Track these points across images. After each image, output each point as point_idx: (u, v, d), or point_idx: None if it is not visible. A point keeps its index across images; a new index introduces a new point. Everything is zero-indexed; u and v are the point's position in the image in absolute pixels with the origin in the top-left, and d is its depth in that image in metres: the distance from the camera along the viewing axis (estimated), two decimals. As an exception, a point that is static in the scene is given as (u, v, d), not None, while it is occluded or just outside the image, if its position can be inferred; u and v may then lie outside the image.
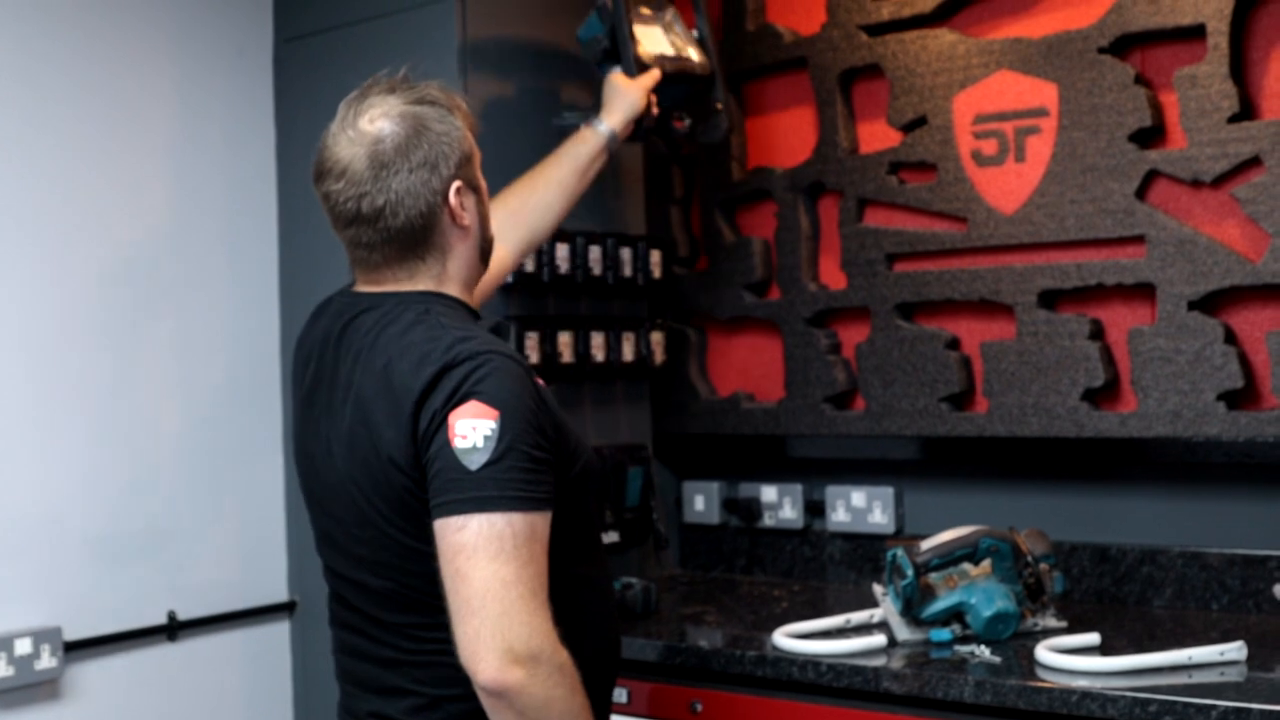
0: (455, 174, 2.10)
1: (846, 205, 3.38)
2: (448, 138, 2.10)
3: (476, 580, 1.87)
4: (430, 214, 2.08)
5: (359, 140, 2.07)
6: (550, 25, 3.45)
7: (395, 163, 2.05)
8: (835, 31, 3.39)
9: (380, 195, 2.05)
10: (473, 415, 1.92)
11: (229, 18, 3.48)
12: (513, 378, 1.97)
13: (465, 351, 1.97)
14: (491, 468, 1.90)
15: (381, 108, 2.09)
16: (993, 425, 3.15)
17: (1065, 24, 3.09)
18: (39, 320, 3.03)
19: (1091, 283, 3.03)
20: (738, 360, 3.64)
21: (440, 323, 2.04)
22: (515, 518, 1.90)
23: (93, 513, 3.10)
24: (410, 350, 2.01)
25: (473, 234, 2.16)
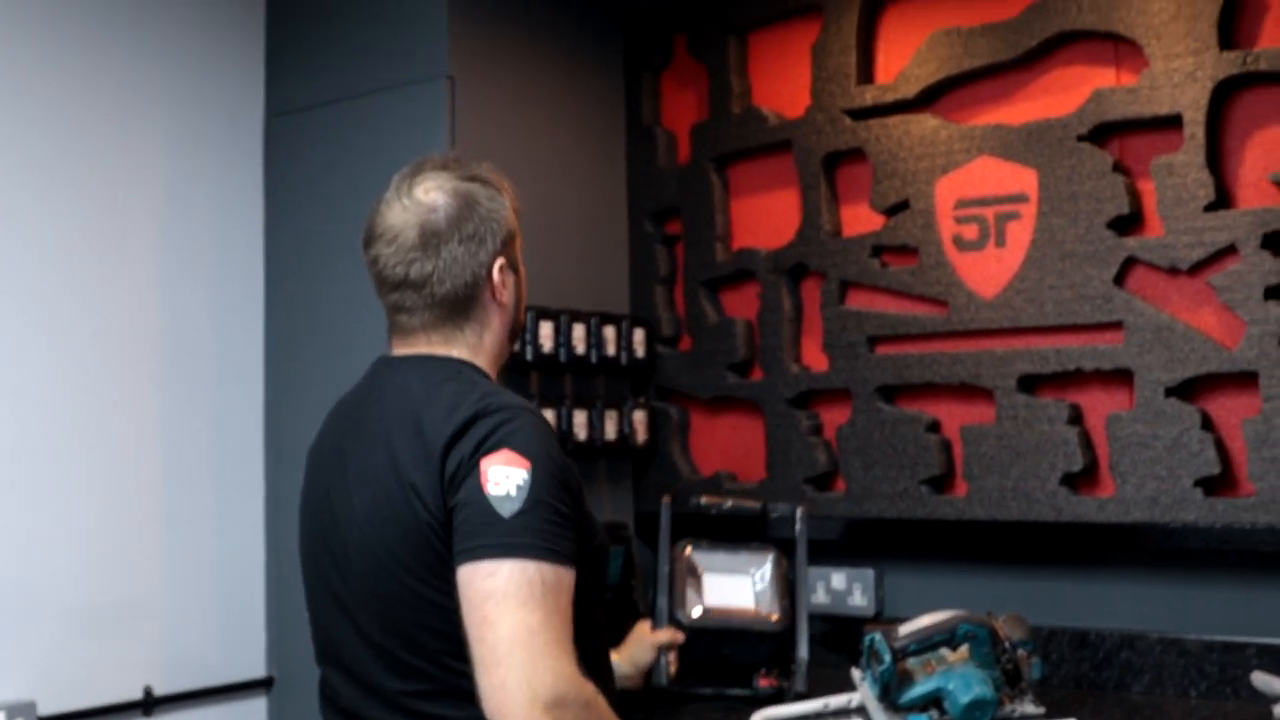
0: (500, 251, 2.14)
1: (829, 287, 3.40)
2: (495, 216, 2.15)
3: (504, 627, 1.86)
4: (474, 286, 2.12)
5: (412, 209, 2.12)
6: (538, 108, 3.49)
7: (446, 233, 2.10)
8: (819, 115, 3.43)
9: (429, 263, 2.10)
10: (505, 463, 1.93)
11: (221, 89, 3.51)
12: (542, 432, 1.99)
13: (496, 404, 1.99)
14: (523, 516, 1.90)
15: (435, 181, 2.14)
16: (972, 509, 3.16)
17: (1045, 112, 3.14)
18: (20, 389, 3.03)
19: (1070, 368, 3.04)
20: (720, 440, 3.64)
21: (472, 379, 2.08)
22: (545, 567, 1.89)
23: (69, 584, 3.09)
24: (441, 400, 2.03)
25: (508, 312, 2.20)
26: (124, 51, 3.30)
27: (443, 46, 3.27)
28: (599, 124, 3.70)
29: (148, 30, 3.35)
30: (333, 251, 3.43)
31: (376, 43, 3.40)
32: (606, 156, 3.72)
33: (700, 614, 2.95)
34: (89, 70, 3.22)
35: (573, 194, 3.58)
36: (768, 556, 2.95)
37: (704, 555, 2.96)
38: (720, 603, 2.96)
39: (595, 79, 3.70)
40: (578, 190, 3.60)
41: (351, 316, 3.36)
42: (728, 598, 2.97)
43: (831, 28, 3.42)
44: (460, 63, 3.28)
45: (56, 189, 3.14)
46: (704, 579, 2.97)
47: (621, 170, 3.76)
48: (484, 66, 3.35)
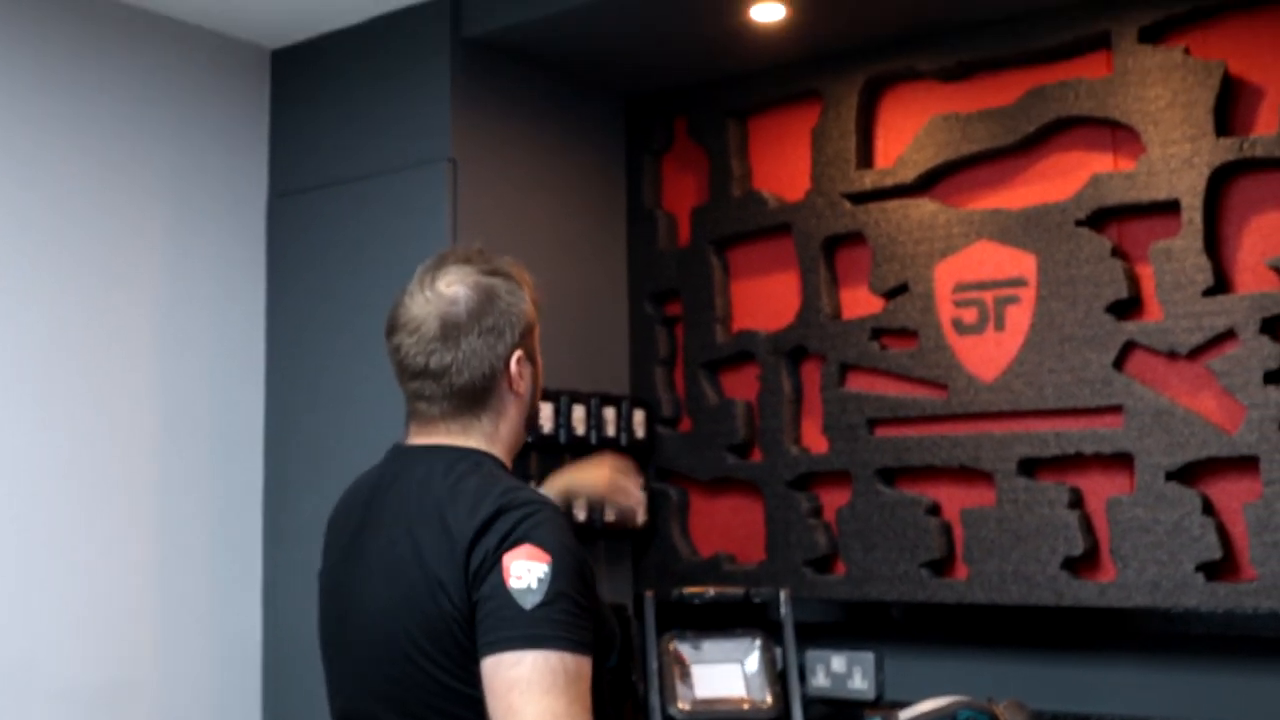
0: (518, 343, 2.20)
1: (829, 369, 3.41)
2: (514, 309, 2.21)
3: (530, 715, 1.90)
4: (491, 377, 2.17)
5: (435, 301, 2.18)
6: (540, 191, 3.51)
7: (466, 326, 2.16)
8: (819, 199, 3.45)
9: (448, 354, 2.16)
10: (527, 557, 1.98)
11: (225, 169, 3.55)
12: (561, 528, 2.03)
13: (518, 499, 2.04)
14: (545, 608, 1.95)
15: (457, 274, 2.21)
16: (973, 592, 3.15)
17: (1043, 196, 3.16)
18: (19, 468, 3.03)
19: (1070, 451, 3.05)
20: (719, 521, 3.64)
21: (493, 473, 2.13)
22: (567, 657, 1.94)
23: (65, 665, 3.08)
24: (465, 496, 2.08)
25: (525, 402, 2.25)
26: (131, 131, 3.33)
27: (445, 130, 3.30)
28: (600, 206, 3.73)
29: (154, 111, 3.39)
30: (333, 331, 3.44)
31: (379, 125, 3.43)
32: (607, 238, 3.74)
33: (692, 705, 2.93)
34: (96, 149, 3.26)
35: (574, 275, 3.59)
36: (755, 642, 2.94)
37: (690, 646, 2.96)
38: (710, 693, 2.95)
39: (597, 162, 3.73)
40: (579, 271, 3.62)
41: (351, 397, 3.37)
42: (718, 688, 2.96)
43: (831, 112, 3.46)
44: (462, 146, 3.31)
45: (62, 266, 3.16)
46: (692, 670, 2.96)
47: (622, 252, 3.78)
48: (486, 149, 3.38)
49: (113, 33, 3.30)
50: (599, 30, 3.33)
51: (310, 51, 3.60)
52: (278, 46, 3.66)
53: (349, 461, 3.33)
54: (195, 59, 3.49)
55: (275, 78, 3.67)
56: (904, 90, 3.42)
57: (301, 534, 3.45)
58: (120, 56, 3.32)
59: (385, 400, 3.26)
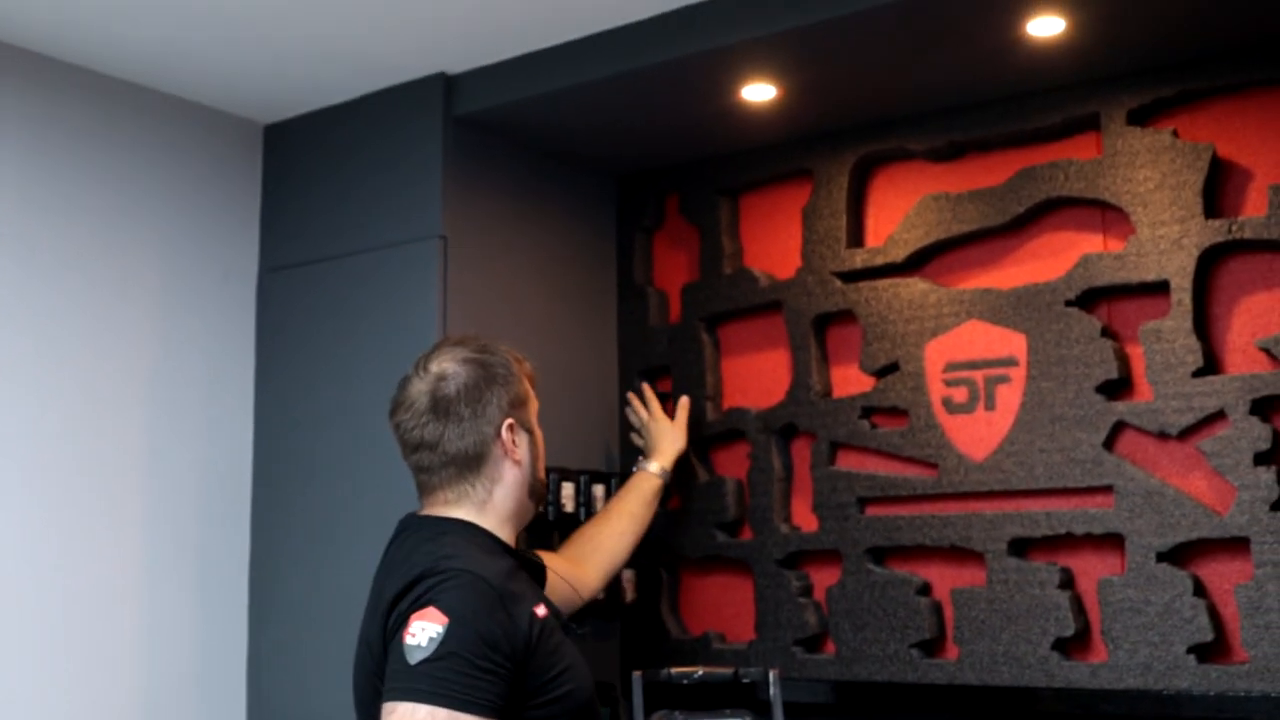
0: (508, 412, 2.43)
1: (819, 448, 3.40)
2: (502, 380, 2.44)
3: None
4: (483, 444, 2.40)
5: (426, 380, 2.41)
6: (530, 267, 3.52)
7: (454, 398, 2.39)
8: (810, 277, 3.46)
9: (440, 425, 2.39)
10: (426, 619, 2.15)
11: (216, 243, 3.55)
12: (475, 594, 2.18)
13: (443, 566, 2.22)
14: (428, 664, 2.11)
15: (449, 355, 2.44)
16: (964, 673, 3.13)
17: (1033, 276, 3.17)
18: (5, 529, 3.01)
19: (1061, 531, 3.04)
20: (709, 599, 3.62)
21: (444, 542, 2.31)
22: (439, 712, 2.09)
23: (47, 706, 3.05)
24: (406, 562, 2.29)
25: (524, 470, 2.46)
26: (122, 205, 3.34)
27: (436, 206, 3.31)
28: (591, 283, 3.73)
29: (146, 185, 3.40)
30: (322, 406, 3.43)
31: (371, 201, 3.44)
32: (598, 315, 3.75)
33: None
34: (87, 222, 3.26)
35: (564, 352, 3.59)
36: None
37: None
38: None
39: (588, 239, 3.74)
40: (569, 348, 3.62)
41: (340, 472, 3.36)
42: None
43: (822, 191, 3.47)
44: (453, 222, 3.32)
45: (51, 338, 3.15)
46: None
47: (613, 328, 3.79)
48: (477, 226, 3.38)
49: (104, 106, 3.32)
50: (591, 109, 3.34)
51: (303, 127, 3.62)
52: (270, 121, 3.68)
53: (337, 538, 3.33)
54: (188, 133, 3.50)
55: (268, 152, 3.68)
56: (895, 170, 3.44)
57: (288, 610, 3.43)
58: (112, 131, 3.33)
59: (374, 476, 3.26)
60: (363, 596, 2.43)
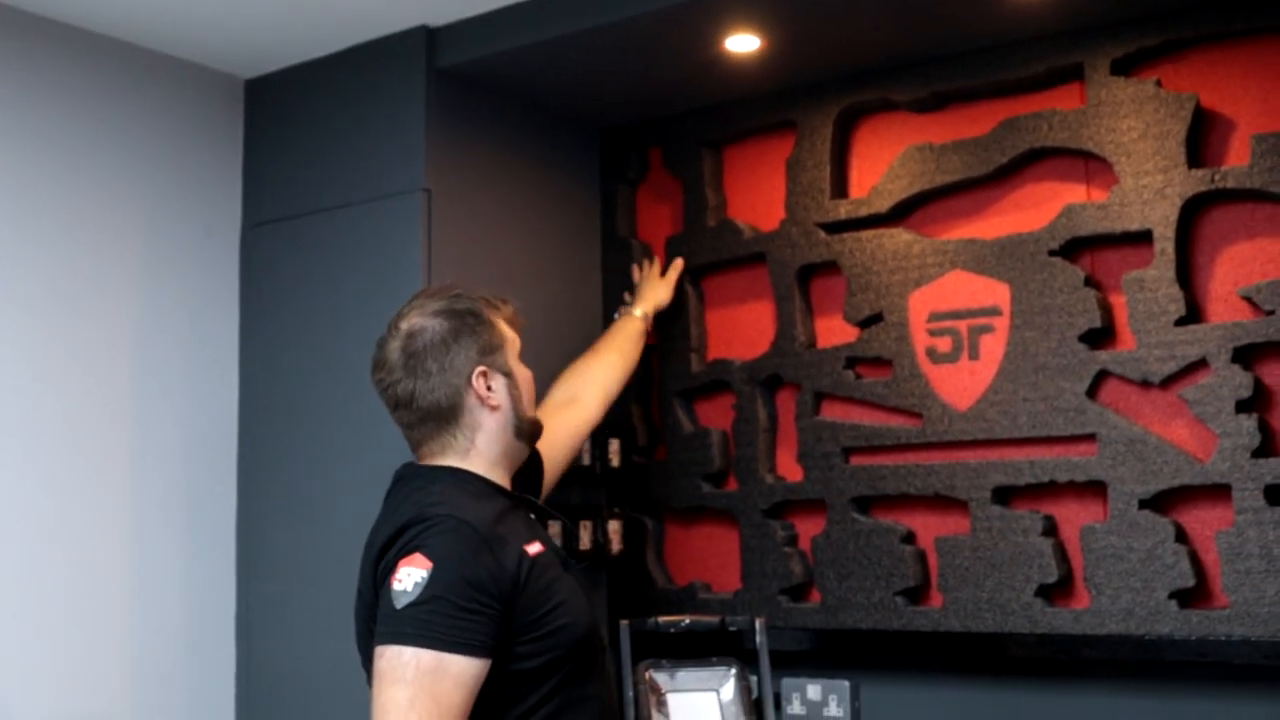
0: (479, 360, 2.43)
1: (804, 398, 3.42)
2: (471, 330, 2.43)
3: (377, 703, 2.15)
4: (454, 395, 2.41)
5: (397, 338, 2.43)
6: (514, 220, 3.52)
7: (421, 353, 2.40)
8: (794, 228, 3.47)
9: (410, 381, 2.41)
10: (413, 564, 2.19)
11: (199, 199, 3.54)
12: (459, 538, 2.23)
13: (429, 513, 2.26)
14: (414, 608, 2.16)
15: (419, 310, 2.46)
16: (948, 620, 3.16)
17: (1017, 226, 3.18)
18: (-6, 499, 3.02)
19: (1044, 480, 3.06)
20: (695, 550, 3.64)
21: (433, 490, 2.34)
22: (424, 653, 2.14)
23: (35, 699, 3.05)
24: (396, 511, 2.33)
25: (504, 413, 2.46)
26: (103, 161, 3.32)
27: (419, 160, 3.30)
28: (575, 236, 3.73)
29: (127, 141, 3.38)
30: (307, 360, 3.43)
31: (354, 155, 3.43)
32: (582, 268, 3.75)
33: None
34: (67, 178, 3.25)
35: (548, 304, 3.59)
36: (731, 670, 2.91)
37: (665, 675, 2.92)
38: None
39: (571, 192, 3.74)
40: (553, 300, 3.62)
41: (326, 426, 3.36)
42: (694, 716, 2.93)
43: (805, 143, 3.47)
44: (437, 176, 3.31)
45: (33, 297, 3.14)
46: (668, 699, 2.92)
47: (597, 281, 3.79)
48: (460, 180, 3.38)
49: (85, 62, 3.30)
50: (574, 62, 3.34)
51: (284, 81, 3.60)
52: (251, 76, 3.66)
53: (324, 493, 3.34)
54: (168, 88, 3.48)
55: (249, 107, 3.66)
56: (878, 121, 3.44)
57: (276, 566, 3.43)
58: (92, 86, 3.31)
59: (361, 430, 3.26)
60: (352, 550, 2.45)
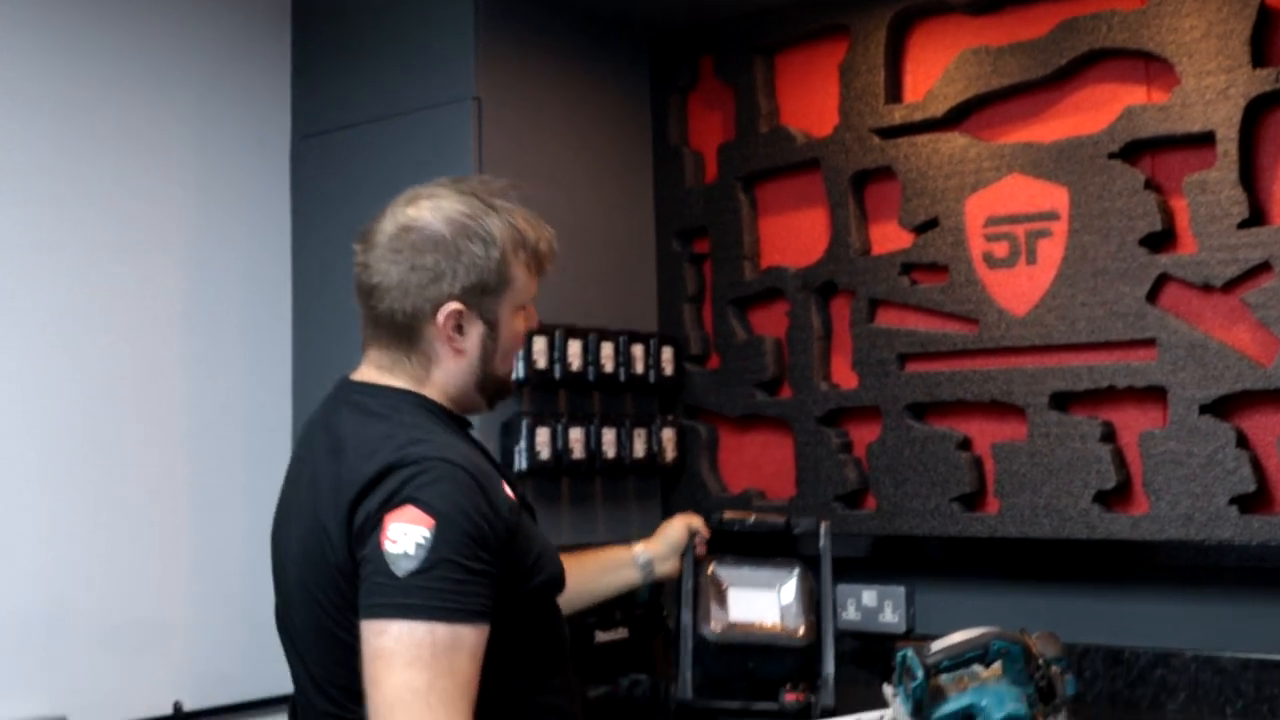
0: (458, 295, 2.05)
1: (858, 305, 3.40)
2: (471, 260, 2.05)
3: (387, 688, 1.83)
4: (414, 317, 2.06)
5: (395, 218, 2.07)
6: (565, 129, 3.49)
7: (404, 252, 2.04)
8: (848, 134, 3.43)
9: (376, 275, 2.06)
10: (407, 520, 1.88)
11: (248, 113, 3.53)
12: (456, 486, 1.92)
13: (414, 454, 1.94)
14: (419, 575, 1.85)
15: (437, 198, 2.09)
16: (1004, 526, 3.15)
17: (1076, 129, 3.13)
18: (49, 411, 3.04)
19: (1103, 385, 3.04)
20: (749, 458, 3.64)
21: (402, 421, 2.01)
22: (438, 628, 1.85)
23: (99, 603, 3.10)
24: (364, 445, 1.99)
25: (470, 362, 2.11)
26: (151, 77, 3.31)
27: (469, 68, 3.28)
28: (625, 144, 3.71)
29: (176, 55, 3.37)
30: (361, 271, 3.43)
31: (403, 65, 3.41)
32: (633, 177, 3.73)
33: (724, 628, 2.85)
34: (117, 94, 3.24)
35: (600, 214, 3.58)
36: (793, 571, 2.91)
37: (728, 570, 2.91)
38: (745, 617, 2.87)
39: (622, 100, 3.71)
40: (605, 210, 3.61)
41: (381, 335, 3.36)
42: (753, 613, 2.90)
43: (859, 47, 3.43)
44: (487, 84, 3.29)
45: (85, 213, 3.15)
46: (729, 594, 2.92)
47: (649, 190, 3.77)
48: (510, 88, 3.36)
49: (136, -28, 3.29)
50: (625, -35, 3.30)
51: (334, -10, 3.58)
52: (301, -14, 3.64)
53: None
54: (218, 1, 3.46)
55: (297, 17, 3.64)
56: (933, 24, 3.39)
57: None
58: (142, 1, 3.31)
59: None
60: None
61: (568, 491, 3.39)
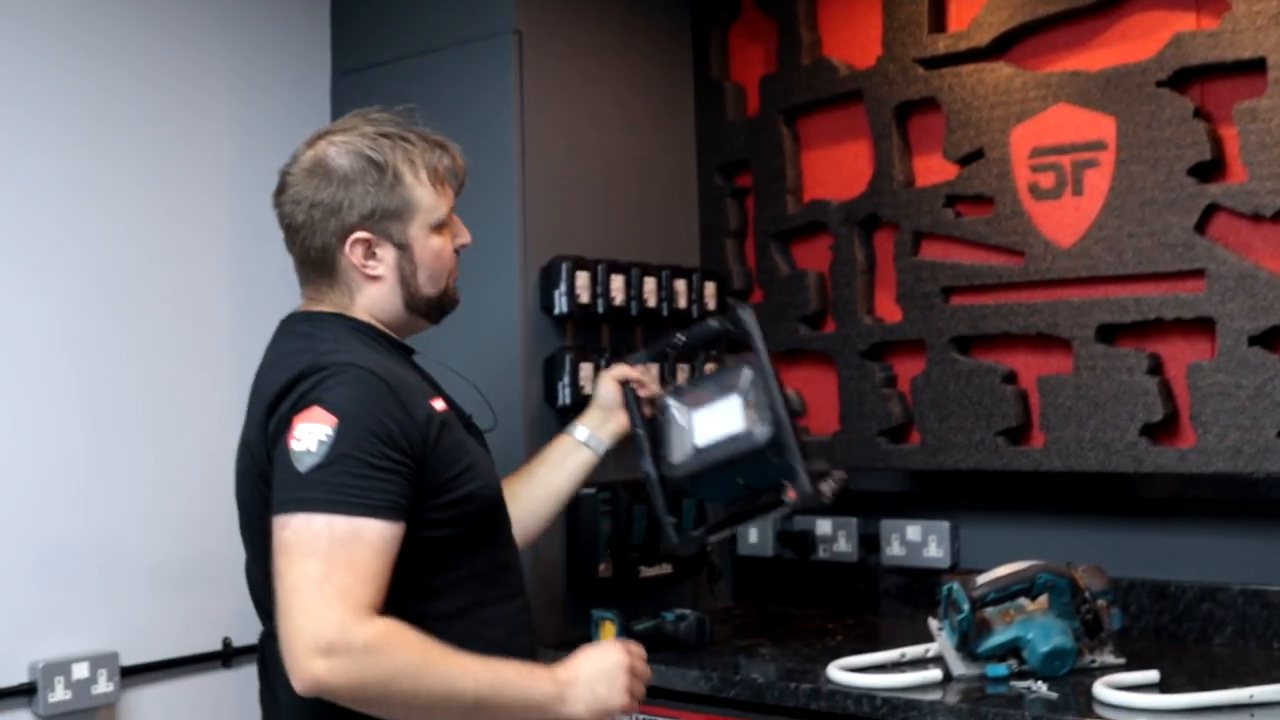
0: (359, 224, 2.14)
1: (902, 238, 3.37)
2: (365, 186, 2.13)
3: (288, 579, 1.89)
4: (325, 251, 2.17)
5: (299, 162, 2.19)
6: (606, 63, 3.47)
7: (307, 192, 2.15)
8: (891, 65, 3.39)
9: (287, 218, 2.19)
10: (313, 420, 1.95)
11: (288, 49, 3.52)
12: (364, 388, 1.99)
13: (324, 361, 2.02)
14: (320, 470, 1.92)
15: (331, 136, 2.19)
16: (1050, 460, 3.13)
17: (1123, 57, 3.08)
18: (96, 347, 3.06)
19: (1150, 317, 3.00)
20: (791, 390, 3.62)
21: (323, 337, 2.12)
22: (336, 520, 1.90)
23: (151, 539, 3.13)
24: (283, 359, 2.10)
25: (389, 286, 2.19)
26: (190, 14, 3.30)
27: (510, 1, 3.25)
28: (666, 78, 3.68)
29: (217, -12, 3.36)
30: (403, 208, 3.42)
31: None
32: (674, 111, 3.70)
33: (693, 454, 2.55)
34: (155, 32, 3.23)
35: (641, 148, 3.56)
36: (740, 371, 2.60)
37: (679, 399, 2.63)
38: (712, 436, 2.55)
39: (662, 33, 3.68)
40: (646, 144, 3.58)
41: (423, 272, 3.36)
42: (720, 428, 2.56)
43: (902, -24, 3.39)
44: (527, 17, 3.27)
45: (123, 150, 3.15)
46: (692, 418, 2.60)
47: (690, 124, 3.74)
48: (551, 21, 3.33)
49: (174, -92, 3.27)
50: (665, -105, 3.26)
51: (372, -76, 3.56)
52: (338, -81, 3.62)
53: (414, 339, 3.35)
54: (256, -66, 3.46)
55: (337, -48, 3.63)
56: (977, -49, 3.34)
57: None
58: (182, -68, 3.29)
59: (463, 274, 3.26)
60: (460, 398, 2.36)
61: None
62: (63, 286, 3.02)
